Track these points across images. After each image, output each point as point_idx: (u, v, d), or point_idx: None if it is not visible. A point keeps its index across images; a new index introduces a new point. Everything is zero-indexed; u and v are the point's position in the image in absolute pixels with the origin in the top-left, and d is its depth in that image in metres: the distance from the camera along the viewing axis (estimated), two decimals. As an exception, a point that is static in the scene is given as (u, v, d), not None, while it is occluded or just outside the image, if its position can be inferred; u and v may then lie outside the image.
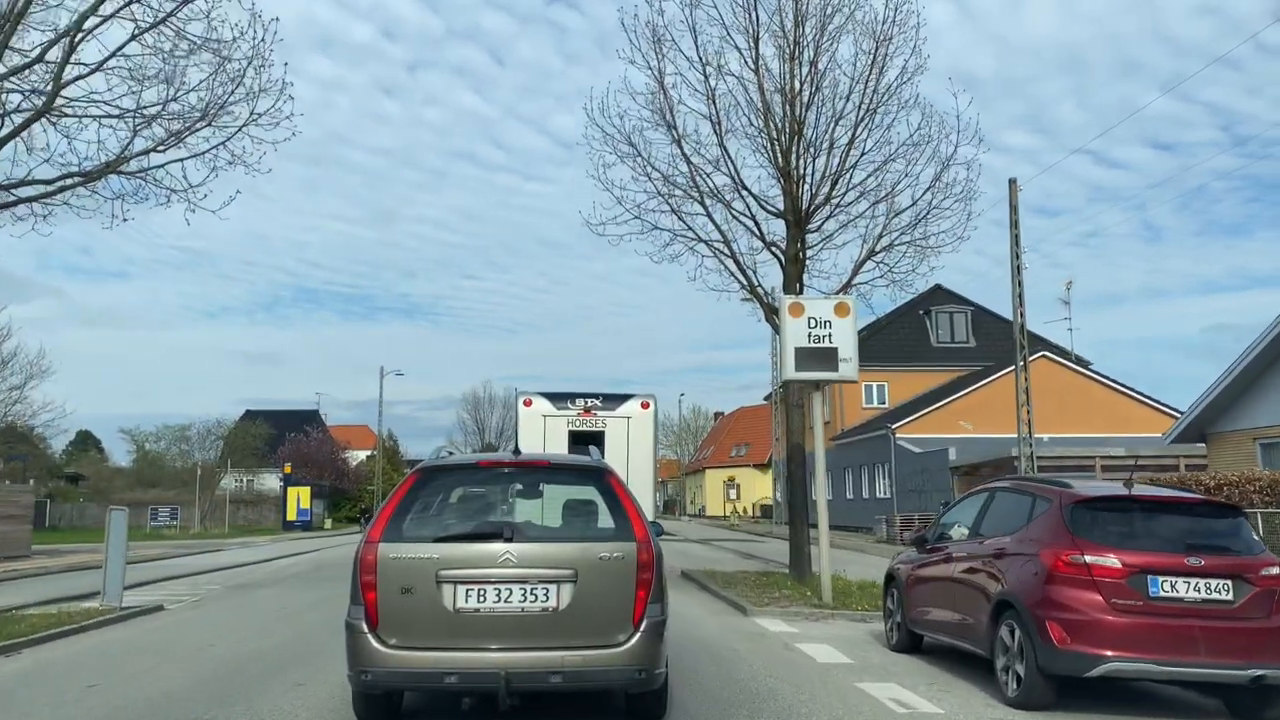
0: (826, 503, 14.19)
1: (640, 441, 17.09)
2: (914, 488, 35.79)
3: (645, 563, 5.76)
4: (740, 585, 15.69)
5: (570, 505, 6.35)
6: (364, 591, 5.72)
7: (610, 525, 5.97)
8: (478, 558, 5.70)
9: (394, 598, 5.65)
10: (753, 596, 13.99)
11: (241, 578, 20.78)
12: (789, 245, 16.74)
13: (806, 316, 13.43)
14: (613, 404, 17.32)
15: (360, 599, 5.74)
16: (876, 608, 12.48)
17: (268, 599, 15.86)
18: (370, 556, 5.73)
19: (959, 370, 45.25)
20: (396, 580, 5.66)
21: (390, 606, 5.65)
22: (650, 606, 5.73)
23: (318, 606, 14.21)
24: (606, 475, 6.24)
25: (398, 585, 5.65)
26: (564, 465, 6.89)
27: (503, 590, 5.64)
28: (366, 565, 5.73)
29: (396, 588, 5.65)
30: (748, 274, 17.13)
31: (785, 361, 13.36)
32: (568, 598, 5.64)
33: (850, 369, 13.39)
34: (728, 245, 17.10)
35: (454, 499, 6.41)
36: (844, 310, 13.49)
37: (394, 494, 6.12)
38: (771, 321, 16.99)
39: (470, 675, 5.54)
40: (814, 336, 13.39)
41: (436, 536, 5.88)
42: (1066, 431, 37.28)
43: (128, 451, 71.33)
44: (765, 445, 79.82)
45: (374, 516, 6.14)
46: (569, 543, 5.88)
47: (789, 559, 16.59)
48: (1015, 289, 21.02)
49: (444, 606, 5.62)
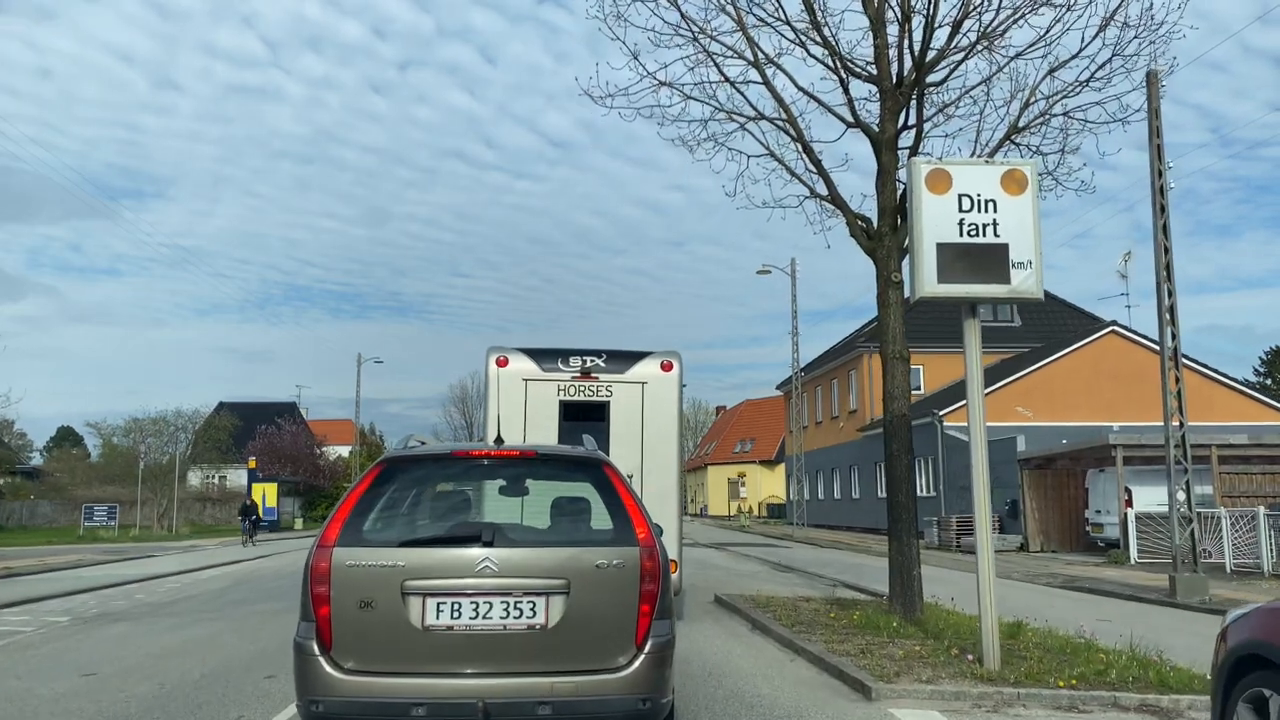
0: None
1: (660, 416, 11.78)
2: (967, 483, 30.35)
3: (650, 571, 4.87)
4: (824, 628, 10.35)
5: (561, 503, 5.39)
6: (315, 606, 4.79)
7: (608, 527, 5.07)
8: (451, 565, 4.85)
9: (351, 613, 4.77)
10: (861, 655, 8.63)
11: (120, 601, 15.43)
12: (883, 124, 11.38)
13: (956, 193, 8.11)
14: (621, 364, 11.98)
15: (311, 614, 4.80)
16: (1084, 679, 7.50)
17: (103, 645, 10.46)
18: (323, 564, 4.82)
19: (1004, 352, 39.99)
20: (355, 592, 4.78)
21: (347, 623, 4.77)
22: (656, 623, 4.87)
23: (158, 664, 8.85)
24: (603, 467, 5.32)
25: (356, 598, 4.78)
26: (554, 456, 5.87)
27: (481, 604, 4.80)
28: (318, 574, 4.80)
29: (354, 601, 4.78)
30: (823, 168, 11.75)
31: (920, 266, 8.02)
32: (558, 613, 4.81)
33: (1030, 280, 8.05)
34: (793, 125, 11.72)
35: (424, 496, 5.53)
36: (1019, 182, 8.14)
37: (353, 489, 5.12)
38: (861, 239, 11.61)
39: (442, 705, 4.70)
40: (969, 226, 8.07)
41: (402, 540, 5.04)
42: (1141, 419, 31.97)
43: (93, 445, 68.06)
44: (772, 441, 74.75)
45: (329, 515, 5.01)
46: (560, 547, 5.00)
47: (890, 584, 11.22)
48: (1157, 215, 15.65)
49: (411, 623, 4.77)
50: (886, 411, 11.18)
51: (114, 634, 11.31)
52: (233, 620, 12.44)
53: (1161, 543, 22.13)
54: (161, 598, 16.07)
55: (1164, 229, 15.94)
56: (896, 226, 11.31)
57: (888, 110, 11.36)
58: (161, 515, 51.80)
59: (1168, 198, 16.03)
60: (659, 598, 4.88)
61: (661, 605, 4.90)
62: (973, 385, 8.41)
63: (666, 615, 4.97)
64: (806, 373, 46.03)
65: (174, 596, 16.22)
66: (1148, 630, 10.82)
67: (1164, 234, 15.93)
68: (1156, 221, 15.99)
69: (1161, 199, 15.97)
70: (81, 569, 23.00)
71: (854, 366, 43.06)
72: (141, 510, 51.00)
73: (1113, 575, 19.22)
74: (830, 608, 12.20)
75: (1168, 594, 15.22)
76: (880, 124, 11.46)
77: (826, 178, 11.77)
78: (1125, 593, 16.11)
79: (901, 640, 9.38)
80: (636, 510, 5.09)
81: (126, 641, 10.61)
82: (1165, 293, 15.82)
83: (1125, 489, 23.04)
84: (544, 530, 5.32)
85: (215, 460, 61.25)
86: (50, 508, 55.79)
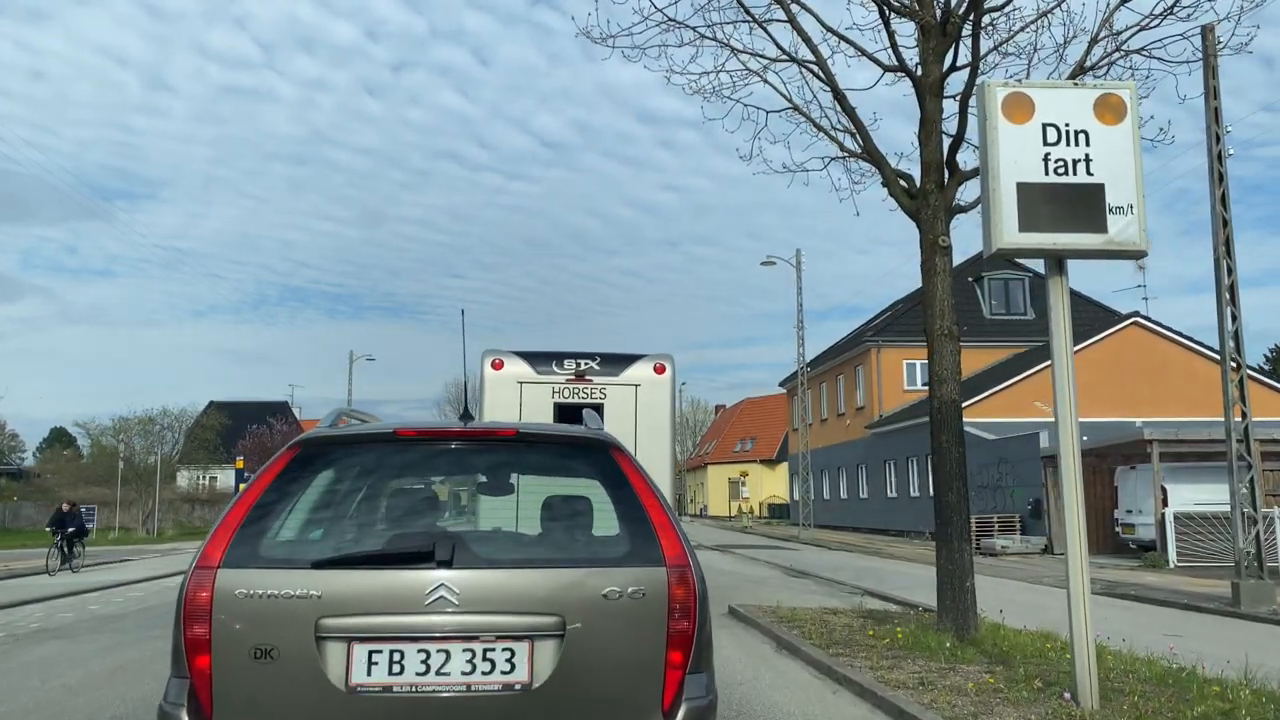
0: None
1: (653, 418, 12.06)
2: (986, 483, 28.90)
3: (682, 602, 3.36)
4: (865, 650, 8.81)
5: (553, 504, 3.80)
6: (190, 655, 3.26)
7: (621, 539, 3.55)
8: (390, 596, 3.29)
9: (242, 666, 3.23)
10: (920, 687, 7.11)
11: (68, 613, 13.89)
12: (926, 66, 9.86)
13: (1039, 122, 6.59)
14: (615, 366, 12.33)
15: (184, 668, 3.27)
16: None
17: (14, 674, 8.91)
18: (203, 593, 3.29)
19: (1016, 346, 38.52)
20: (247, 635, 3.24)
21: (236, 681, 3.23)
22: (690, 680, 3.35)
23: (66, 702, 7.33)
24: (612, 452, 3.77)
25: (249, 644, 3.24)
26: (543, 437, 4.04)
27: (434, 653, 3.26)
28: (195, 608, 3.28)
29: (247, 649, 3.23)
30: (856, 116, 10.21)
31: (997, 212, 6.49)
32: (548, 666, 3.28)
33: (1132, 228, 6.54)
34: (823, 68, 10.19)
35: (354, 495, 3.85)
36: (1115, 109, 6.63)
37: (252, 484, 3.56)
38: (902, 199, 10.09)
39: None
40: (1056, 162, 6.56)
41: (318, 560, 3.40)
42: (1166, 414, 30.54)
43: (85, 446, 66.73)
44: (774, 439, 73.15)
45: (215, 522, 3.46)
46: (550, 568, 3.43)
47: (939, 596, 9.67)
48: (1214, 185, 14.12)
49: (329, 682, 3.21)
50: (933, 397, 9.65)
51: (37, 657, 9.77)
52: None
53: (1203, 545, 20.64)
54: (116, 609, 14.53)
55: (1222, 199, 14.42)
56: (943, 183, 9.81)
57: (932, 51, 9.85)
58: (147, 517, 50.28)
59: (1226, 165, 14.51)
60: (695, 641, 3.41)
61: (698, 652, 3.42)
62: (1060, 364, 6.89)
63: (705, 666, 3.48)
64: (811, 369, 44.48)
65: (129, 608, 14.67)
66: (1231, 649, 9.33)
67: (1222, 205, 14.41)
68: (1214, 191, 14.46)
69: (1220, 166, 14.45)
70: (47, 575, 21.54)
71: (861, 362, 41.52)
72: (127, 512, 49.52)
73: (1155, 581, 17.72)
74: (865, 622, 10.69)
75: (1230, 603, 13.73)
76: (923, 66, 9.94)
77: (862, 129, 10.24)
78: (1179, 601, 14.60)
79: (963, 666, 7.85)
80: (661, 513, 3.61)
81: (47, 668, 9.06)
82: (1225, 270, 14.30)
83: (1161, 488, 21.54)
84: (527, 544, 3.84)
85: (204, 460, 59.89)
86: (34, 509, 54.33)
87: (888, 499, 39.08)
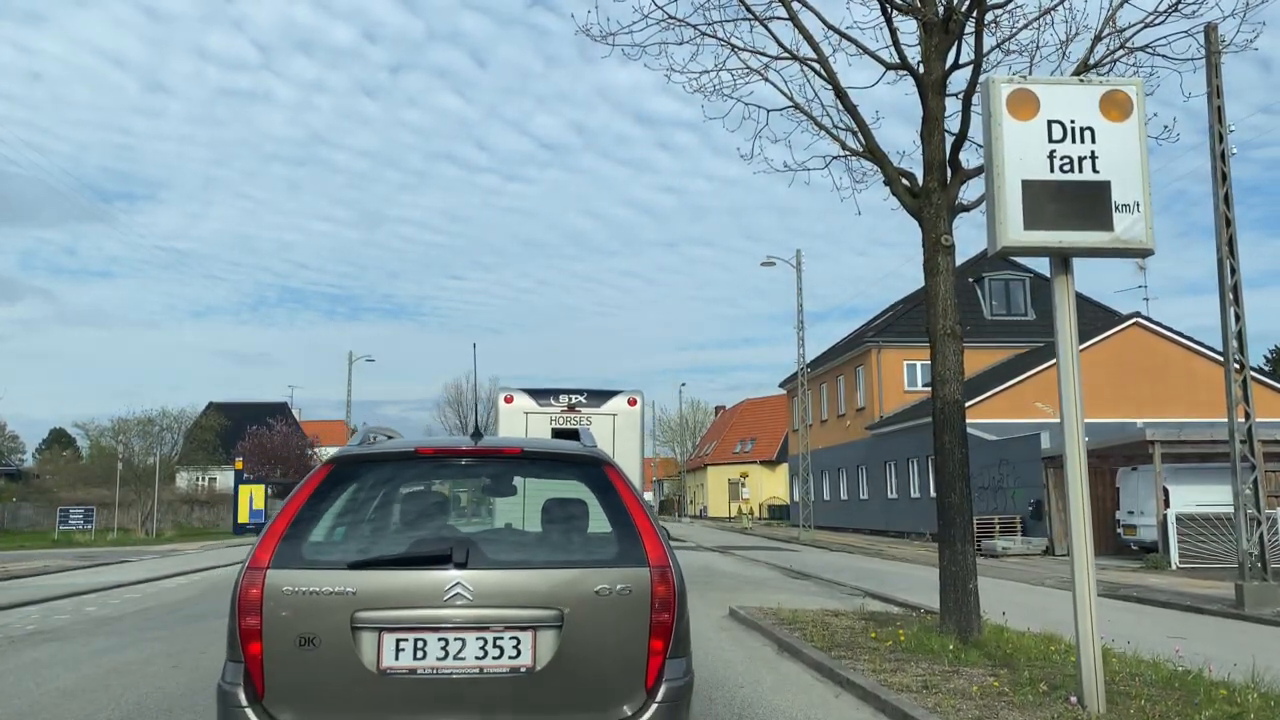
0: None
1: (626, 440, 15.63)
2: (987, 484, 28.80)
3: (663, 598, 4.00)
4: (867, 652, 8.73)
5: (552, 513, 4.42)
6: (244, 642, 3.86)
7: (611, 542, 4.16)
8: (414, 592, 3.93)
9: (289, 652, 3.85)
10: (924, 690, 7.03)
11: (65, 615, 13.80)
12: (928, 64, 9.78)
13: (1044, 118, 6.52)
14: (598, 400, 16.18)
15: (239, 653, 3.87)
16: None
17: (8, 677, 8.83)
18: (254, 590, 3.89)
19: (1017, 347, 38.50)
20: (293, 626, 3.86)
21: (284, 665, 3.86)
22: (670, 663, 4.00)
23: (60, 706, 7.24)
24: (604, 468, 4.41)
25: (295, 633, 3.85)
26: (543, 454, 4.75)
27: (451, 641, 3.91)
28: (248, 602, 3.88)
29: (293, 637, 3.85)
30: (858, 114, 10.13)
31: (1002, 210, 6.42)
32: (548, 651, 3.92)
33: (1138, 226, 6.46)
34: (825, 66, 10.11)
35: (383, 505, 4.49)
36: (1121, 105, 6.56)
37: (293, 496, 4.18)
38: (904, 197, 10.01)
39: None
40: (1061, 159, 6.49)
41: (353, 561, 4.01)
42: (1167, 414, 30.48)
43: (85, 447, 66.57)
44: (773, 440, 73.04)
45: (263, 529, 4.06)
46: (551, 569, 4.06)
47: (941, 598, 9.58)
48: (1218, 184, 13.96)
49: (363, 665, 3.86)
50: (936, 397, 9.57)
51: (31, 659, 9.68)
52: (178, 640, 10.83)
53: (1204, 546, 20.56)
54: (112, 610, 14.44)
55: (1225, 199, 14.34)
56: (946, 182, 9.73)
57: (934, 48, 9.77)
58: (145, 518, 50.15)
59: (1229, 164, 14.43)
60: (674, 630, 4.08)
61: (677, 640, 4.09)
62: (1066, 363, 6.79)
63: (683, 652, 4.14)
64: (811, 369, 44.40)
65: (126, 609, 14.58)
66: (1237, 651, 9.28)
67: (1225, 204, 14.33)
68: (1217, 191, 14.39)
69: (1223, 165, 14.38)
70: (46, 576, 21.45)
71: (861, 363, 41.44)
72: (126, 513, 49.40)
73: (1158, 582, 17.63)
74: (866, 624, 10.60)
75: (1233, 605, 13.65)
76: (925, 64, 9.86)
77: (863, 126, 10.16)
78: (1182, 603, 14.52)
79: (967, 669, 7.77)
80: (646, 521, 4.23)
81: (41, 670, 8.98)
82: (1228, 270, 14.22)
83: (1162, 489, 21.46)
84: (531, 547, 4.45)
85: (203, 461, 59.73)
86: (32, 510, 54.21)
87: (888, 500, 39.00)
